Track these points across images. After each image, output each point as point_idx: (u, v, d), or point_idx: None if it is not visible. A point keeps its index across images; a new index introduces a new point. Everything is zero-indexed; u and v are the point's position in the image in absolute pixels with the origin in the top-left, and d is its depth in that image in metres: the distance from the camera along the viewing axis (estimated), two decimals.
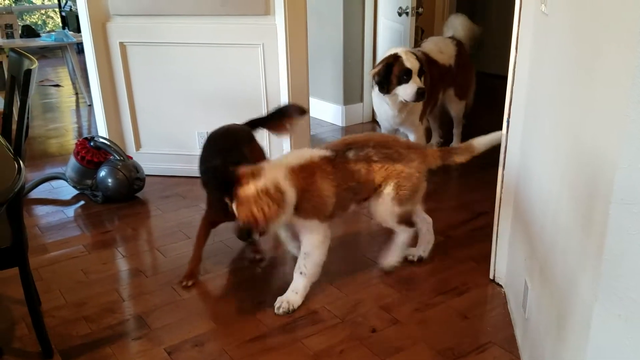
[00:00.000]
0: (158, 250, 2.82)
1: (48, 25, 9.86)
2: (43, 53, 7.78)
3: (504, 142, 2.29)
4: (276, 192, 2.03)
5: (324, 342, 2.11)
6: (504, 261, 2.41)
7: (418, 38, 4.44)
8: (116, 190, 3.30)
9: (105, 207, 3.31)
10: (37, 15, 10.04)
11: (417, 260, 2.62)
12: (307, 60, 3.39)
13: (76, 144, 3.47)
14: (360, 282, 2.50)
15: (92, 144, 3.42)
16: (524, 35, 2.11)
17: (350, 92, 4.73)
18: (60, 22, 8.19)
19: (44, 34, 6.25)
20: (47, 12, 10.00)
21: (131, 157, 3.49)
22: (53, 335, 2.11)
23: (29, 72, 1.94)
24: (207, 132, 2.79)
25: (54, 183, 3.63)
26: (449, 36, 3.89)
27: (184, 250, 2.75)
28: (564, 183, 1.52)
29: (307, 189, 2.14)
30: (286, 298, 2.29)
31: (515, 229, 2.25)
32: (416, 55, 3.23)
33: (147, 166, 3.55)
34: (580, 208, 1.36)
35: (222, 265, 2.68)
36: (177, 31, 3.39)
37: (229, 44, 3.36)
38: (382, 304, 2.33)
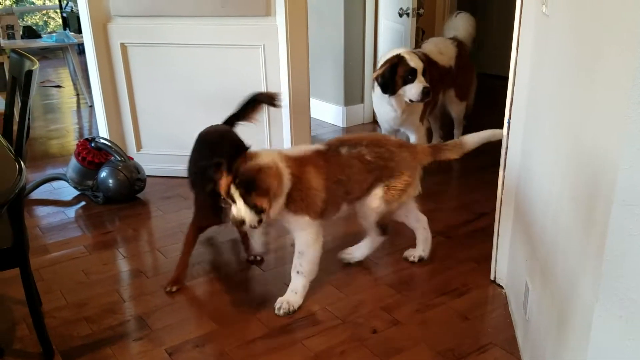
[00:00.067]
0: (159, 251, 2.82)
1: (49, 26, 9.86)
2: (44, 54, 7.78)
3: (504, 143, 2.29)
4: (277, 171, 2.09)
5: (325, 343, 2.11)
6: (504, 262, 2.41)
7: (419, 39, 4.43)
8: (117, 191, 3.31)
9: (106, 207, 3.31)
10: (38, 16, 10.04)
11: (418, 261, 2.62)
12: (307, 61, 3.39)
13: (77, 144, 3.48)
14: (361, 283, 2.50)
15: (93, 144, 3.42)
16: (524, 36, 2.11)
17: (351, 93, 4.73)
18: (61, 23, 8.19)
19: (45, 35, 6.25)
20: (48, 13, 10.01)
21: (132, 158, 3.49)
22: (54, 336, 2.11)
23: (30, 73, 1.94)
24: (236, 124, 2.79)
25: (55, 184, 3.63)
26: (451, 37, 3.89)
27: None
28: (564, 184, 1.52)
29: (300, 177, 2.16)
30: (286, 299, 2.29)
31: (516, 230, 2.25)
32: (418, 55, 3.23)
33: (148, 167, 3.55)
34: (581, 209, 1.36)
35: (222, 266, 2.68)
36: (178, 32, 3.40)
37: (230, 45, 3.37)
38: (383, 305, 2.33)
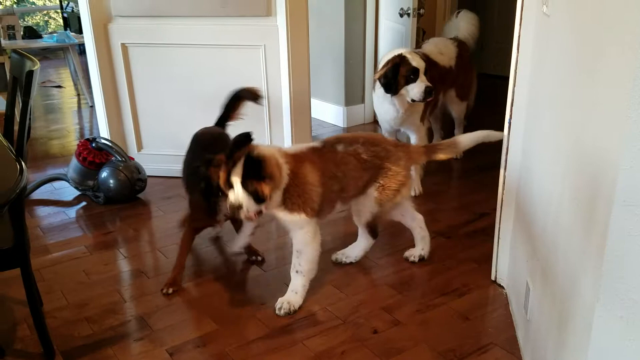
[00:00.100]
0: (160, 251, 2.82)
1: (50, 26, 9.87)
2: (45, 54, 7.79)
3: (505, 143, 2.29)
4: (278, 162, 2.11)
5: (325, 343, 2.11)
6: (505, 262, 2.41)
7: (419, 39, 4.43)
8: (118, 191, 3.31)
9: (106, 208, 3.32)
10: (39, 17, 10.05)
11: (419, 260, 2.62)
12: (308, 61, 3.39)
13: (78, 145, 3.48)
14: (361, 283, 2.50)
15: (93, 145, 3.43)
16: (525, 36, 2.11)
17: (352, 93, 4.73)
18: (62, 23, 8.20)
19: (45, 35, 6.25)
20: (49, 13, 10.01)
21: (133, 158, 3.49)
22: (55, 336, 2.11)
23: (30, 74, 1.94)
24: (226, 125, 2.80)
25: (56, 184, 3.63)
26: (452, 37, 3.88)
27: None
28: (565, 184, 1.52)
29: (297, 173, 2.17)
30: (287, 299, 2.29)
31: (517, 230, 2.25)
32: (419, 54, 3.23)
33: (149, 167, 3.55)
34: (581, 209, 1.36)
35: (222, 266, 2.68)
36: (179, 32, 3.40)
37: (231, 45, 3.37)
38: (384, 305, 2.33)
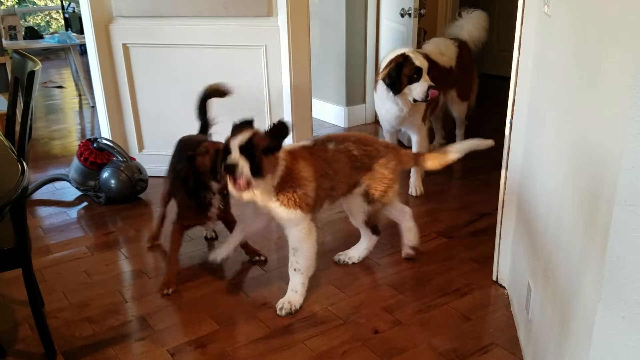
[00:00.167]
0: (160, 252, 2.82)
1: (51, 26, 9.87)
2: (46, 55, 7.80)
3: (506, 143, 2.29)
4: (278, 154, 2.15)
5: (327, 344, 2.11)
6: (507, 262, 2.41)
7: (420, 39, 4.43)
8: (119, 191, 3.31)
9: (108, 208, 3.32)
10: (40, 17, 10.05)
11: (413, 251, 2.63)
12: (309, 62, 3.39)
13: (79, 145, 3.48)
14: (362, 283, 2.50)
15: (95, 145, 3.43)
16: (526, 36, 2.11)
17: (353, 93, 4.73)
18: (63, 23, 8.20)
19: (47, 36, 6.25)
20: (50, 14, 10.02)
21: (134, 159, 3.49)
22: (56, 337, 2.11)
23: (32, 74, 1.94)
24: (209, 134, 2.81)
25: (57, 184, 3.63)
26: (453, 37, 3.88)
27: (187, 251, 2.75)
28: (567, 184, 1.52)
29: (291, 169, 2.18)
30: (287, 299, 2.29)
31: (518, 231, 2.25)
32: (422, 54, 3.23)
33: (150, 167, 3.55)
34: (583, 209, 1.36)
35: (223, 267, 2.68)
36: (180, 33, 3.40)
37: (232, 46, 3.37)
38: (385, 305, 2.33)
